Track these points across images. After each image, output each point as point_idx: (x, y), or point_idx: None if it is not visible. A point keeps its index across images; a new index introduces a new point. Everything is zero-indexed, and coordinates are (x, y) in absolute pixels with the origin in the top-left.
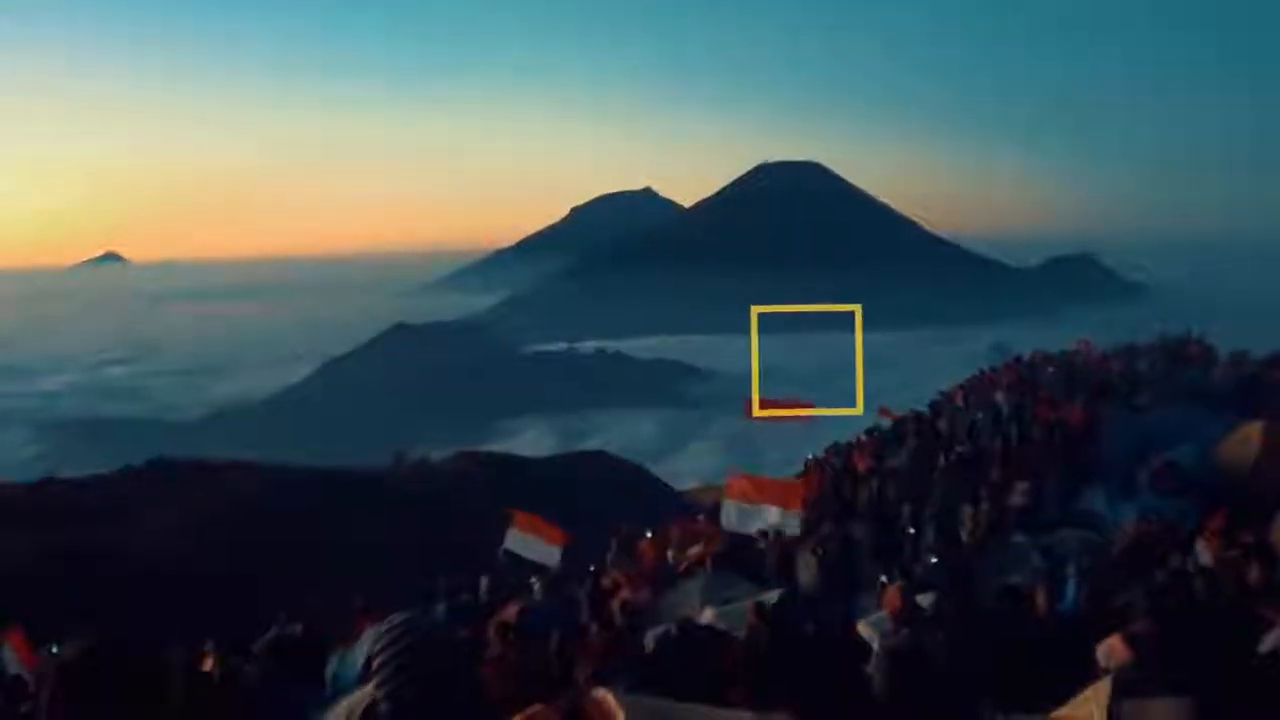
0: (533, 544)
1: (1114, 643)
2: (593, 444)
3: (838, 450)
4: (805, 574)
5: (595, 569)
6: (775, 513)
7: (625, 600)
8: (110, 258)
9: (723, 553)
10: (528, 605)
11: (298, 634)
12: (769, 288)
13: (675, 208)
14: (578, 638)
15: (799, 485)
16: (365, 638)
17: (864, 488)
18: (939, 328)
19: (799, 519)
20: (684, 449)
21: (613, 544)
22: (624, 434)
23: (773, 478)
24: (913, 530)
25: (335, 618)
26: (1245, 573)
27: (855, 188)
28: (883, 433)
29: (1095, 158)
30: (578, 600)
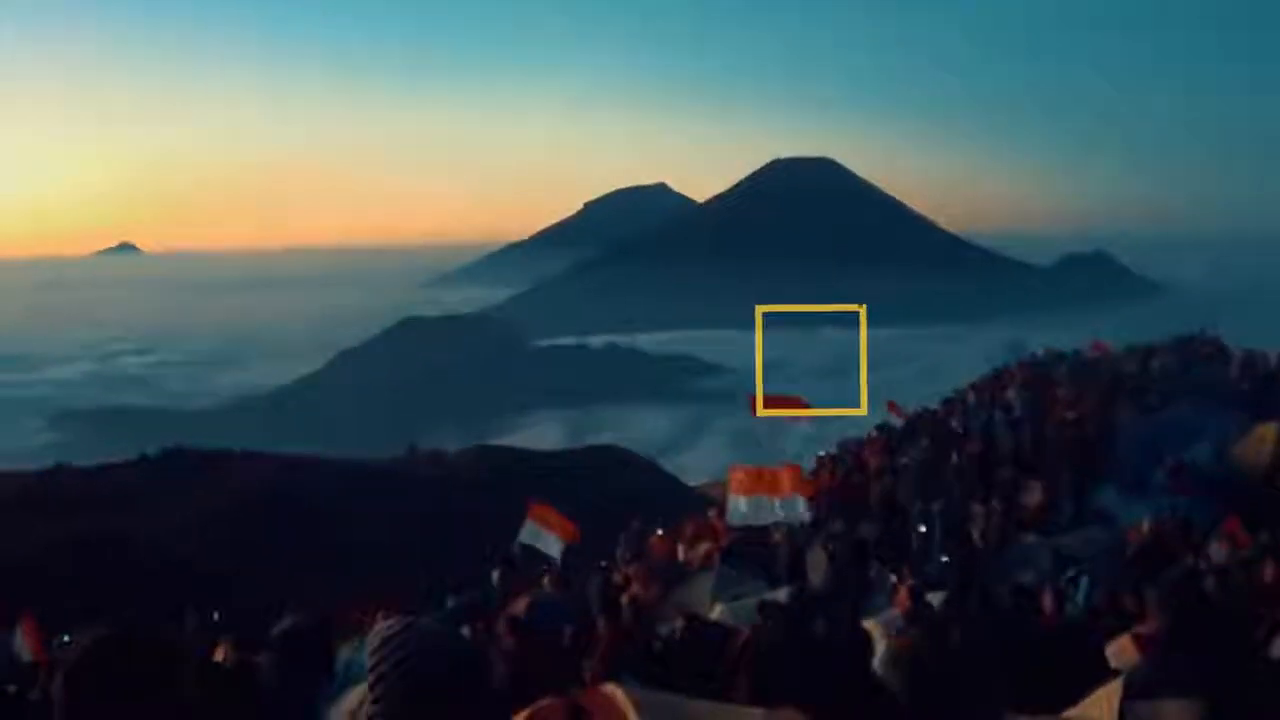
0: (543, 536)
1: (1124, 643)
2: (604, 439)
3: (847, 448)
4: (815, 572)
5: (606, 564)
6: (781, 501)
7: (635, 596)
8: (126, 248)
9: (729, 548)
10: (537, 599)
11: (309, 624)
12: (782, 283)
13: (689, 203)
14: (587, 633)
15: (799, 471)
16: (375, 631)
17: (875, 485)
18: (952, 325)
19: (804, 503)
20: (695, 444)
21: (623, 539)
22: (635, 428)
23: (772, 467)
24: (924, 528)
25: (347, 607)
26: (1259, 573)
27: (869, 184)
28: (893, 430)
29: (1113, 156)
30: (588, 595)
